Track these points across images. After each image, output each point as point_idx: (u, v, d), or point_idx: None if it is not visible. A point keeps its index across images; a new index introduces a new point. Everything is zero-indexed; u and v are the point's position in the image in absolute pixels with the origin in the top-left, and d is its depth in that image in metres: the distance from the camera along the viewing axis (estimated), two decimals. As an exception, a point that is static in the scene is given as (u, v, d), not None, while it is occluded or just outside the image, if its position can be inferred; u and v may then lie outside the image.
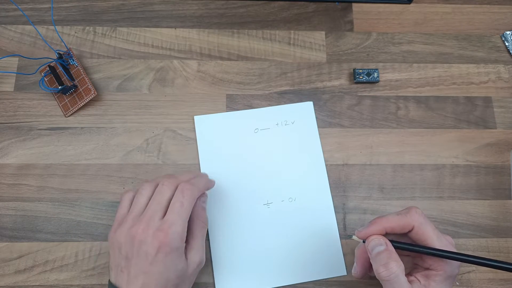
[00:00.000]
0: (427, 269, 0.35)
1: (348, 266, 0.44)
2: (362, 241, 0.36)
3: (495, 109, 0.50)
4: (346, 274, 0.44)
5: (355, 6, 0.53)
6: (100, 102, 0.48)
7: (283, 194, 0.46)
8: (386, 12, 0.53)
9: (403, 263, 0.34)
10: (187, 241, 0.39)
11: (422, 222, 0.34)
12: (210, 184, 0.43)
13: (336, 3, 0.53)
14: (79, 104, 0.47)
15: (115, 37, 0.51)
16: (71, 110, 0.47)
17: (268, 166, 0.47)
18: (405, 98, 0.50)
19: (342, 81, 0.50)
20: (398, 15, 0.53)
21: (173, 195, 0.38)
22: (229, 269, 0.43)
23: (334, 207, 0.46)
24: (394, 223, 0.35)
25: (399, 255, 0.34)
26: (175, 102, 0.49)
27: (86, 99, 0.47)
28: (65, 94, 0.47)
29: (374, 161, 0.48)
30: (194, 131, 0.48)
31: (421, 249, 0.34)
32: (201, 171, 0.46)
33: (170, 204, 0.37)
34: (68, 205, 0.45)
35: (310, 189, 0.46)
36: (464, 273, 0.44)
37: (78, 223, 0.44)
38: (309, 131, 0.48)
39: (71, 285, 0.43)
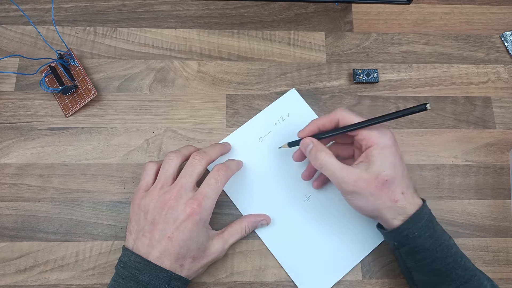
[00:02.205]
0: (366, 149, 0.38)
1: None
2: (288, 147, 0.44)
3: (494, 109, 0.50)
4: None
5: (355, 7, 0.53)
6: (101, 102, 0.49)
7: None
8: (385, 12, 0.54)
9: (346, 152, 0.42)
10: (222, 230, 0.42)
11: (344, 113, 0.39)
12: (240, 165, 0.45)
13: (336, 3, 0.53)
14: (80, 104, 0.47)
15: (116, 37, 0.51)
16: (72, 110, 0.48)
17: (289, 165, 0.47)
18: (405, 98, 0.50)
19: (342, 81, 0.51)
20: (397, 16, 0.54)
21: (203, 170, 0.40)
22: (304, 270, 0.44)
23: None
24: (323, 120, 0.41)
25: (339, 149, 0.43)
26: (176, 102, 0.49)
27: (86, 99, 0.47)
28: (65, 94, 0.48)
29: (373, 161, 0.48)
30: (194, 131, 0.48)
31: (336, 131, 0.40)
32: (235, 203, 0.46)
33: (206, 179, 0.40)
34: (69, 205, 0.45)
35: None
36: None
37: (78, 223, 0.45)
38: (306, 115, 0.49)
39: (72, 285, 0.43)
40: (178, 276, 0.37)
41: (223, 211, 0.45)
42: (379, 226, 0.41)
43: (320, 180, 0.46)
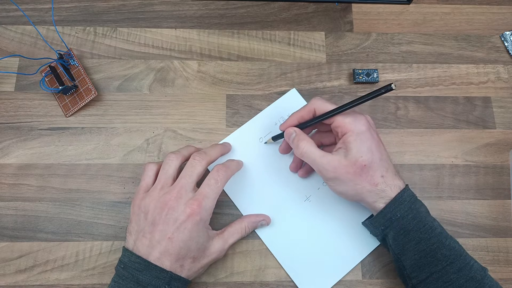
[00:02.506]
0: (342, 136, 0.39)
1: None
2: (273, 141, 0.46)
3: (494, 109, 0.50)
4: None
5: (355, 7, 0.53)
6: (101, 102, 0.49)
7: (315, 182, 0.46)
8: (385, 12, 0.54)
9: (329, 139, 0.44)
10: (222, 230, 0.42)
11: (319, 102, 0.41)
12: (240, 165, 0.45)
13: (336, 3, 0.53)
14: (80, 104, 0.47)
15: (116, 37, 0.51)
16: (72, 110, 0.48)
17: (288, 165, 0.47)
18: (405, 98, 0.50)
19: (342, 82, 0.51)
20: (397, 16, 0.54)
21: (203, 170, 0.40)
22: (304, 270, 0.44)
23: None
24: (302, 111, 0.42)
25: (322, 136, 0.44)
26: (176, 102, 0.49)
27: (86, 99, 0.47)
28: (65, 94, 0.48)
29: (373, 161, 0.48)
30: (194, 131, 0.48)
31: (313, 120, 0.41)
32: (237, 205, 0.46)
33: (206, 179, 0.40)
34: (69, 205, 0.45)
35: None
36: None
37: (78, 223, 0.45)
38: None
39: (72, 285, 0.43)
40: (178, 276, 0.37)
41: (223, 211, 0.45)
42: (365, 222, 0.42)
43: (305, 169, 0.46)
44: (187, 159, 0.41)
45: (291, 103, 0.49)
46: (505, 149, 0.49)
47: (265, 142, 0.47)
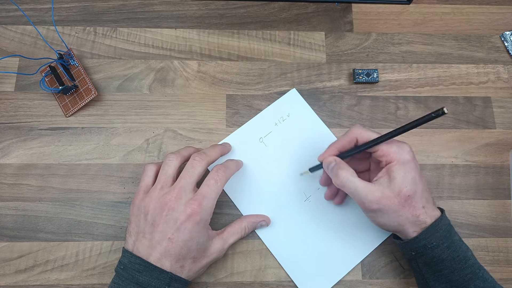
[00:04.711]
0: (386, 165, 0.38)
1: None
2: (310, 172, 0.44)
3: (494, 109, 0.50)
4: None
5: (355, 7, 0.53)
6: (101, 102, 0.49)
7: (315, 182, 0.46)
8: (385, 12, 0.54)
9: (363, 166, 0.43)
10: (222, 230, 0.42)
11: (361, 131, 0.40)
12: (239, 165, 0.45)
13: (336, 3, 0.53)
14: (80, 104, 0.47)
15: (116, 37, 0.51)
16: (72, 110, 0.48)
17: (289, 165, 0.47)
18: (405, 98, 0.50)
19: (342, 82, 0.51)
20: (397, 16, 0.54)
21: (203, 170, 0.40)
22: (304, 270, 0.44)
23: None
24: (342, 141, 0.40)
25: (357, 161, 0.42)
26: (176, 102, 0.49)
27: (86, 99, 0.47)
28: (65, 94, 0.48)
29: (373, 161, 0.48)
30: (194, 131, 0.48)
31: (356, 149, 0.40)
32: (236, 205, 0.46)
33: (206, 180, 0.39)
34: (69, 205, 0.45)
35: None
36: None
37: (78, 223, 0.45)
38: (307, 116, 0.49)
39: (72, 285, 0.43)
40: (179, 277, 0.37)
41: (223, 211, 0.45)
42: (395, 237, 0.41)
43: (340, 196, 0.45)
44: (186, 160, 0.41)
45: (291, 103, 0.49)
46: (505, 149, 0.49)
47: (301, 174, 0.46)
